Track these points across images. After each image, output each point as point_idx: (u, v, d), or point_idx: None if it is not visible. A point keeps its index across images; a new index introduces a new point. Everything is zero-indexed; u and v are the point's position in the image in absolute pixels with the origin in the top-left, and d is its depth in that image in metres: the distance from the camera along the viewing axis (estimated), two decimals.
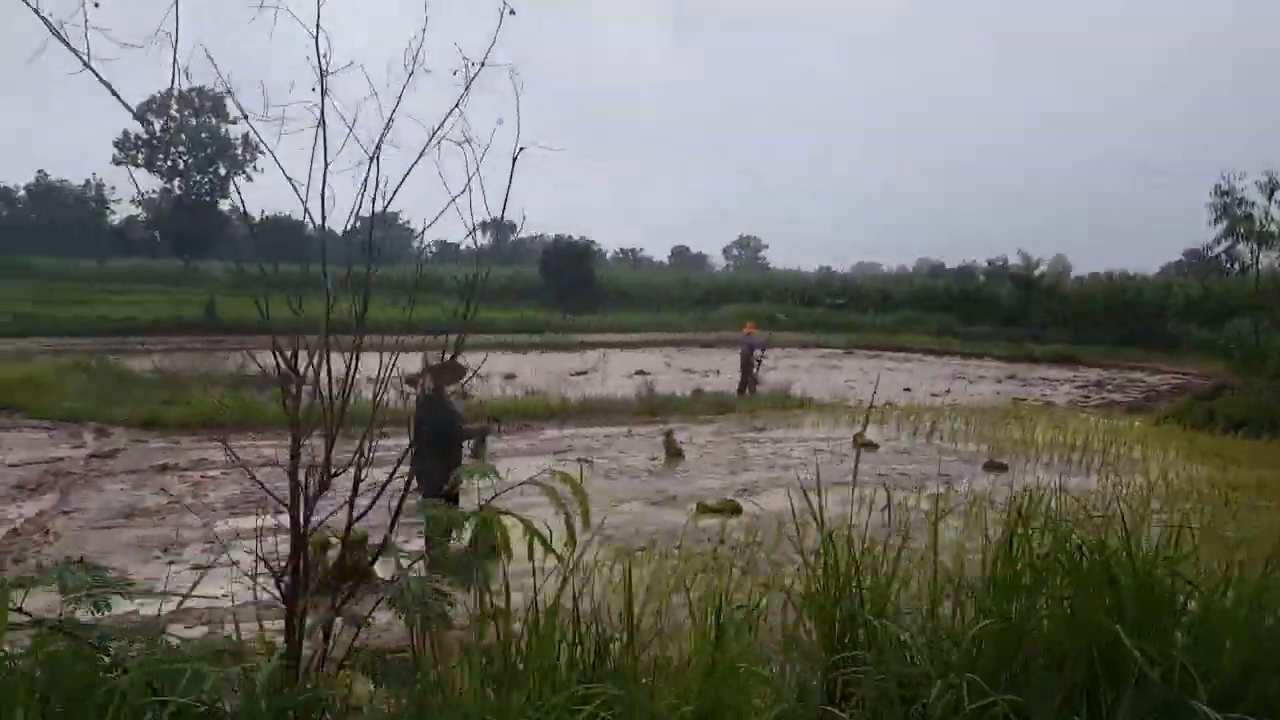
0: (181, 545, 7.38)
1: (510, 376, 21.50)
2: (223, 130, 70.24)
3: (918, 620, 3.65)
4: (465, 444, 7.34)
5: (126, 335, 27.70)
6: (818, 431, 14.98)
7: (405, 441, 4.66)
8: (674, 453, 12.18)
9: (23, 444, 11.37)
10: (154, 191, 69.91)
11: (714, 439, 13.75)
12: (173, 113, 68.34)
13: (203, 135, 69.22)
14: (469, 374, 7.48)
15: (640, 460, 11.91)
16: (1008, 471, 11.95)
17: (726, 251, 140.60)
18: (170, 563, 6.94)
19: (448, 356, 7.17)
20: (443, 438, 6.83)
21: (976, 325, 40.44)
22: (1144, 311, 36.09)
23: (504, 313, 41.56)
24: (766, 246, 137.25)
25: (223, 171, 70.69)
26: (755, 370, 20.10)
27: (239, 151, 71.18)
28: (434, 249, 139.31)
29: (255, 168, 72.33)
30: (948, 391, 21.83)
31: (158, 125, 68.13)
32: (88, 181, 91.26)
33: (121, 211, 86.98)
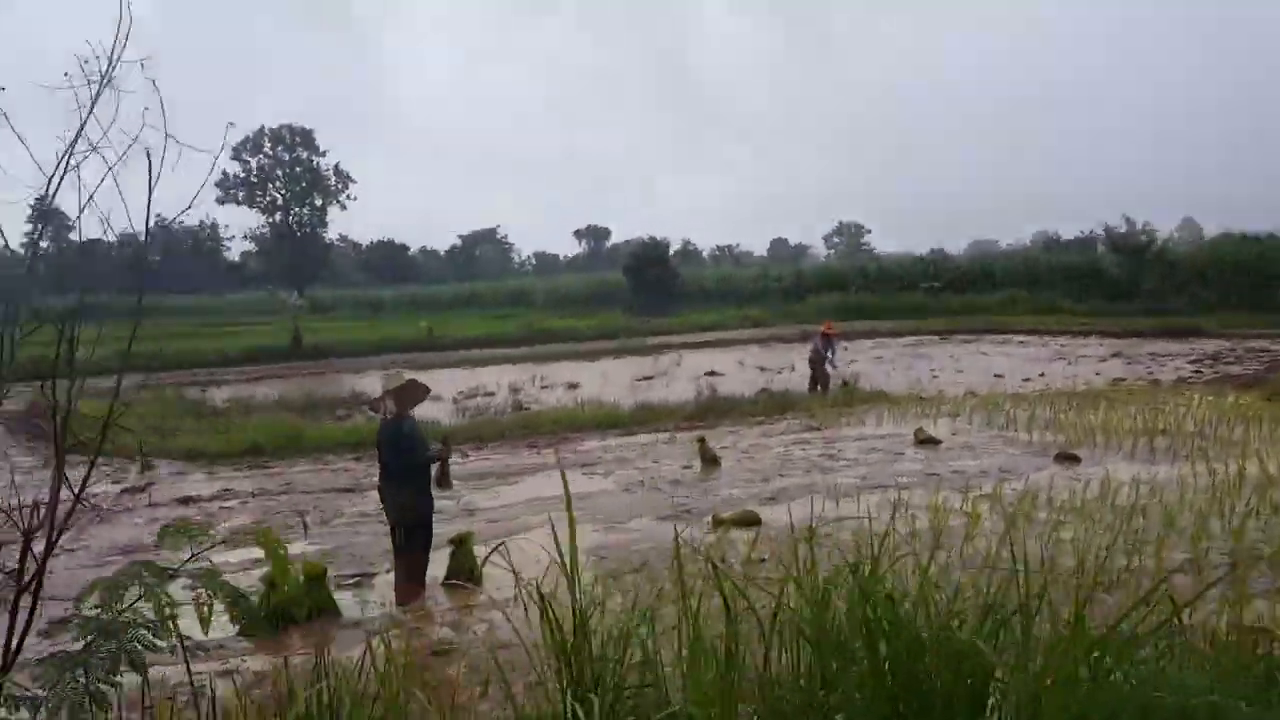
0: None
1: (574, 386, 21.13)
2: (314, 162, 72.95)
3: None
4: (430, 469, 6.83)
5: (215, 367, 28.67)
6: (880, 429, 13.91)
7: None
8: (709, 460, 11.40)
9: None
10: (264, 227, 73.10)
11: (760, 442, 12.89)
12: (266, 150, 71.46)
13: (296, 169, 71.99)
14: (428, 394, 7.03)
15: (673, 469, 11.20)
16: (1080, 463, 10.73)
17: (828, 240, 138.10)
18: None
19: (411, 377, 6.77)
20: (403, 464, 6.36)
21: (1088, 300, 37.98)
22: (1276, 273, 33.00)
23: (584, 320, 41.43)
24: (869, 231, 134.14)
25: (318, 202, 73.39)
26: (827, 366, 19.03)
27: (332, 181, 73.83)
28: (533, 260, 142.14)
29: (349, 196, 75.14)
30: (1041, 375, 20.29)
31: (254, 163, 71.15)
32: (201, 222, 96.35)
33: (236, 248, 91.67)
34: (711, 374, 22.68)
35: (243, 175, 71.62)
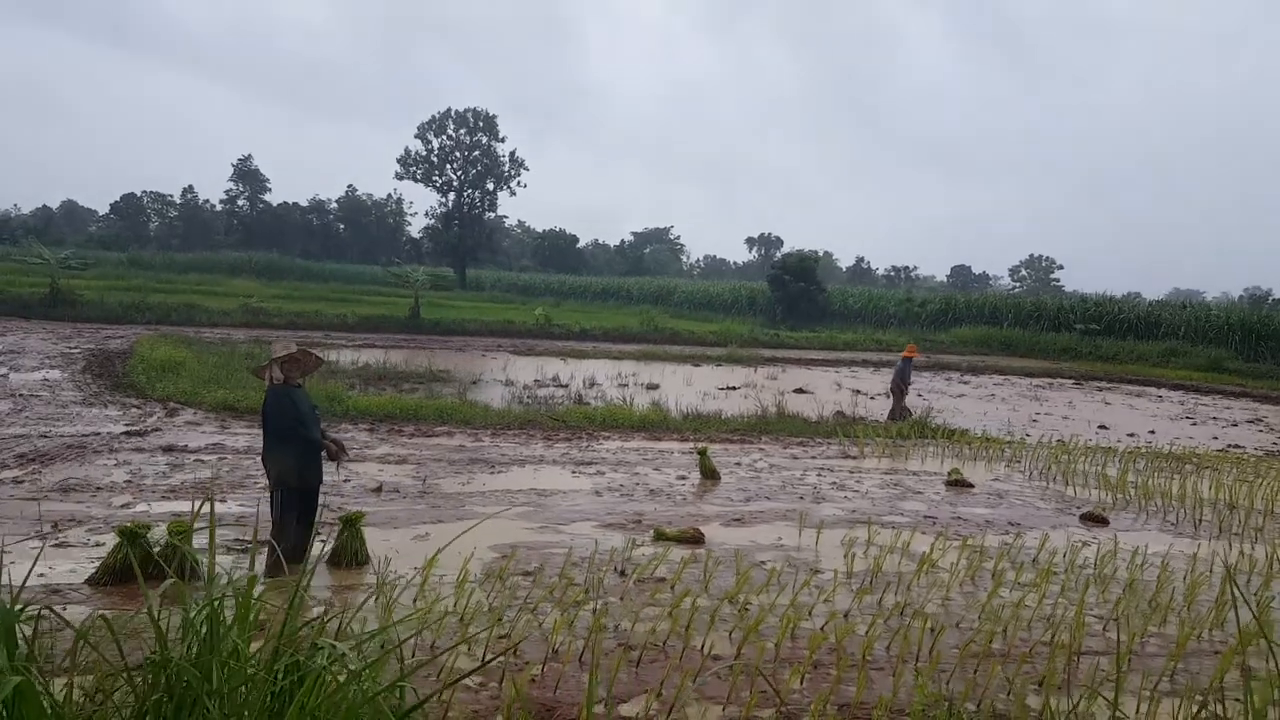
0: (79, 523, 7.59)
1: (653, 387, 21.01)
2: (492, 148, 76.02)
3: None
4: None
5: (333, 330, 30.45)
6: (922, 465, 13.07)
7: None
8: (707, 473, 11.07)
9: (89, 419, 12.53)
10: (442, 204, 76.97)
11: (781, 463, 12.37)
12: (449, 132, 75.09)
13: (474, 153, 75.26)
14: (319, 365, 7.10)
15: (666, 478, 10.94)
16: (1106, 526, 9.72)
17: (1013, 272, 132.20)
18: (42, 537, 7.13)
19: (299, 349, 6.89)
20: (280, 431, 6.47)
21: (1267, 361, 34.29)
22: None
23: (708, 325, 41.16)
24: (1061, 268, 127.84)
25: (490, 186, 76.50)
26: (907, 393, 18.07)
27: (506, 167, 76.76)
28: (702, 263, 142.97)
29: (520, 183, 77.91)
30: (1151, 432, 18.40)
31: (435, 143, 74.93)
32: (389, 195, 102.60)
33: (416, 224, 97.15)
34: (800, 391, 22.02)
35: (424, 154, 75.64)
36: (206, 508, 8.11)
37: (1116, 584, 7.46)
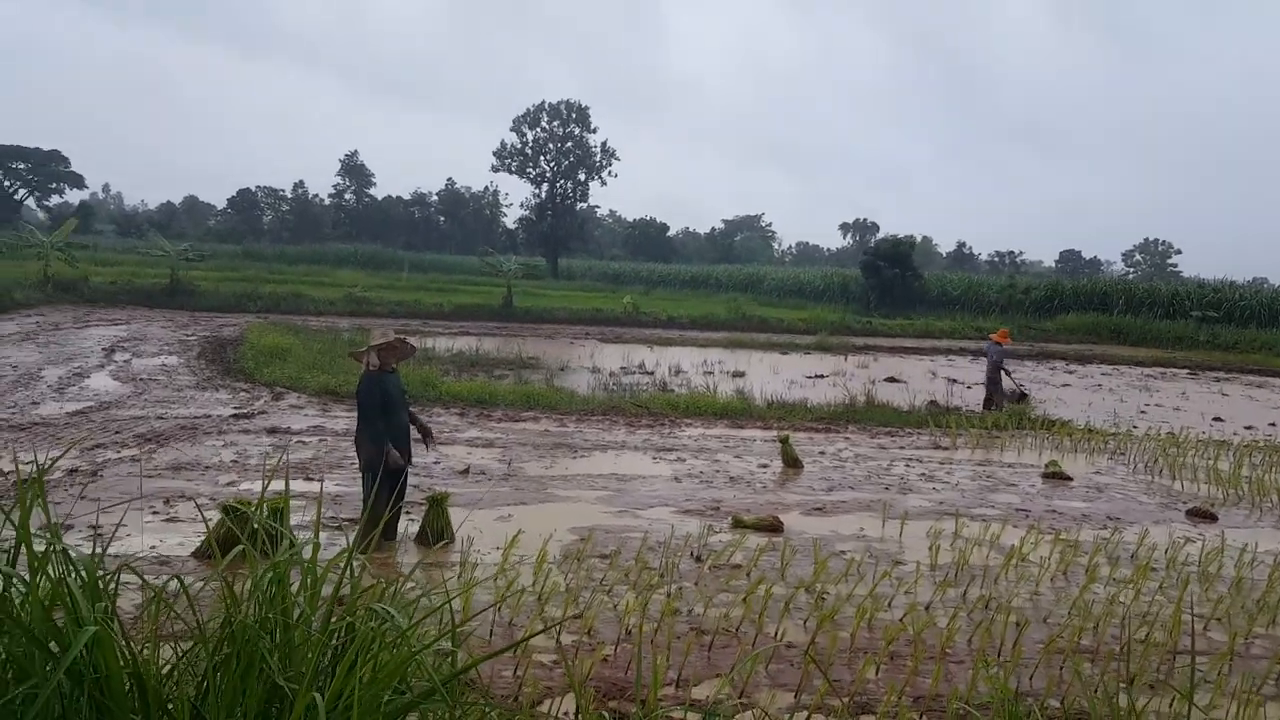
0: (187, 499, 8.03)
1: (739, 374, 20.91)
2: (584, 139, 76.62)
3: None
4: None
5: (431, 318, 31.27)
6: (1019, 457, 12.65)
7: None
8: (789, 462, 10.96)
9: (203, 401, 13.20)
10: (535, 195, 78.10)
11: (867, 453, 12.16)
12: (543, 124, 76.02)
13: (567, 144, 75.99)
14: (414, 353, 7.32)
15: (748, 466, 10.88)
16: (1214, 522, 9.24)
17: (1127, 257, 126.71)
18: (155, 512, 7.57)
19: (400, 337, 7.13)
20: (368, 416, 6.72)
21: None
22: None
23: (798, 312, 40.62)
24: (1179, 252, 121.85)
25: (581, 176, 77.15)
26: (1003, 384, 17.48)
27: (598, 158, 77.26)
28: (794, 250, 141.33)
29: (611, 173, 78.32)
30: (1272, 425, 17.35)
31: (530, 136, 75.95)
32: (486, 187, 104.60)
33: (513, 215, 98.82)
34: (891, 380, 21.58)
35: (519, 146, 76.78)
36: (303, 486, 8.51)
37: (1221, 582, 7.09)
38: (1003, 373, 17.46)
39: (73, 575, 2.46)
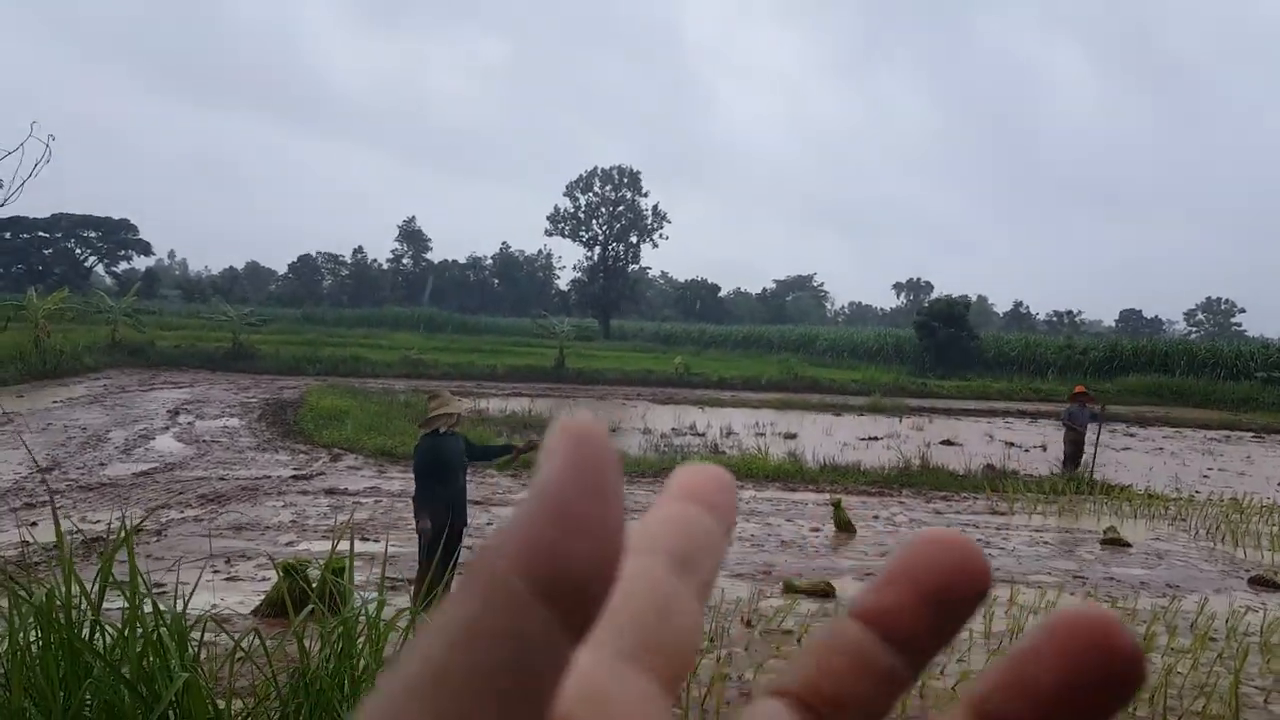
0: (247, 558, 8.31)
1: (791, 436, 20.88)
2: (636, 202, 78.07)
3: None
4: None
5: (484, 380, 31.81)
6: (1076, 523, 12.44)
7: None
8: (842, 526, 10.93)
9: (263, 463, 13.62)
10: (588, 258, 79.49)
11: (920, 518, 12.07)
12: (595, 189, 77.70)
13: (619, 208, 77.47)
14: (464, 416, 7.53)
15: (800, 530, 10.88)
16: (1277, 592, 8.99)
17: (1189, 316, 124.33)
18: (215, 571, 7.85)
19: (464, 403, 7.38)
20: (424, 479, 6.95)
21: None
22: None
23: (851, 373, 40.42)
24: (1242, 311, 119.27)
25: (633, 239, 78.42)
26: (1083, 444, 17.01)
27: (649, 221, 78.56)
28: (847, 310, 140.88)
29: (662, 235, 79.48)
30: None
31: (583, 200, 77.63)
32: (539, 251, 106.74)
33: (565, 277, 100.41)
34: (947, 443, 21.32)
35: (572, 210, 78.51)
36: (359, 546, 8.74)
37: None
38: (1083, 428, 16.90)
39: (161, 627, 2.66)
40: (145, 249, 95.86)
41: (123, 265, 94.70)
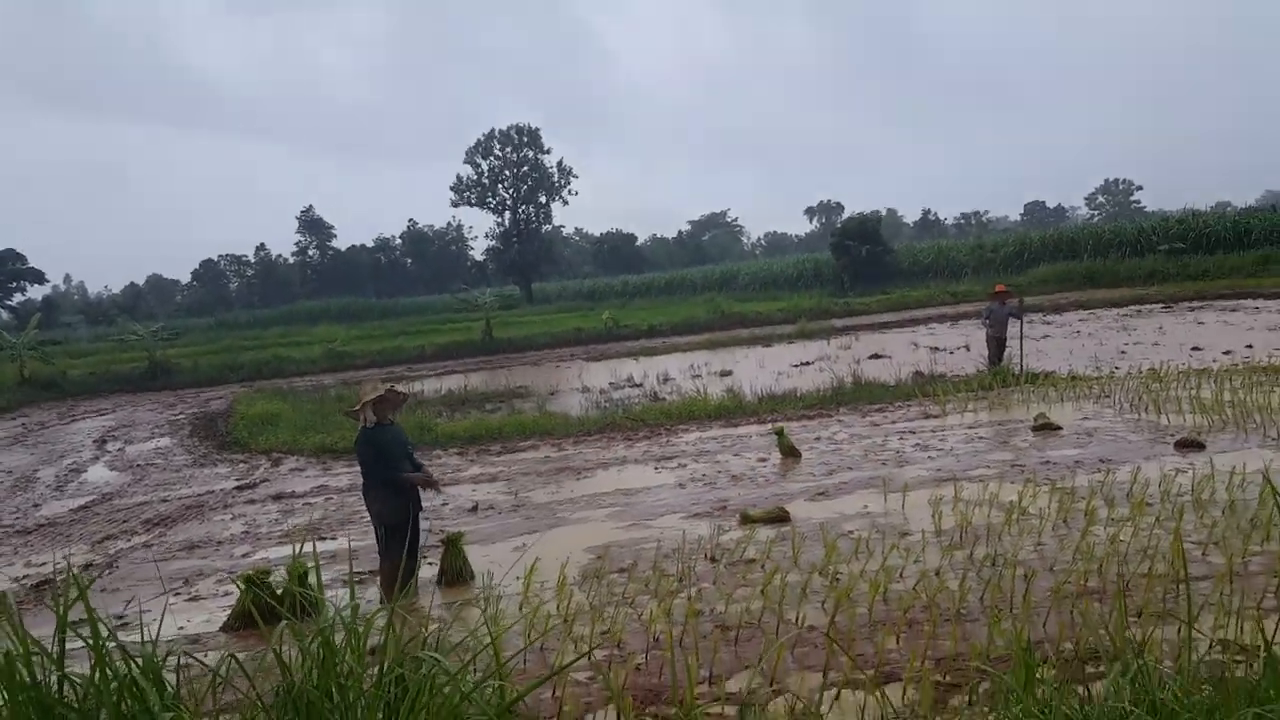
0: (205, 576, 8.16)
1: (726, 374, 21.14)
2: (539, 161, 76.90)
3: None
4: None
5: (413, 362, 31.41)
6: (1008, 414, 12.93)
7: None
8: (788, 452, 11.17)
9: (203, 478, 13.31)
10: (499, 224, 78.25)
11: (861, 431, 12.40)
12: (496, 152, 76.27)
13: (523, 169, 76.23)
14: (406, 400, 7.46)
15: (748, 463, 11.09)
16: (1202, 450, 9.52)
17: (1090, 200, 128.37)
18: (176, 594, 7.69)
19: (393, 386, 7.29)
20: (370, 471, 6.87)
21: None
22: None
23: (775, 303, 40.97)
24: (1140, 188, 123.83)
25: (542, 199, 77.41)
26: (1004, 340, 17.50)
27: (556, 178, 77.55)
28: (763, 241, 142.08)
29: (571, 191, 78.63)
30: (1249, 347, 17.75)
31: (485, 166, 76.15)
32: (449, 223, 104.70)
33: (479, 247, 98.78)
34: (875, 356, 21.85)
35: (475, 177, 76.96)
36: (320, 547, 8.64)
37: (1215, 507, 7.34)
38: (1005, 323, 17.35)
39: (132, 666, 2.63)
40: (38, 277, 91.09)
41: (17, 298, 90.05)
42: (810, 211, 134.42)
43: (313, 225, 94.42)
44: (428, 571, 7.46)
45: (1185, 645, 4.03)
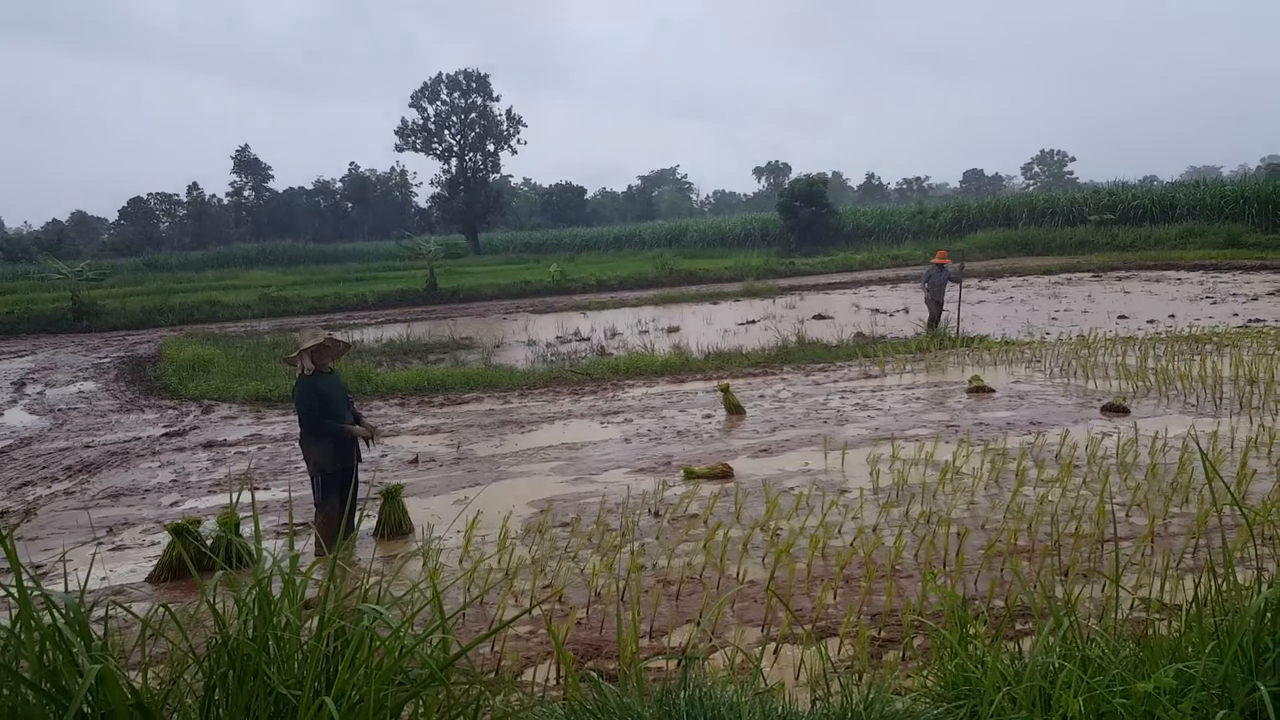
0: (130, 525, 7.93)
1: (674, 330, 21.17)
2: (488, 108, 75.26)
3: None
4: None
5: (354, 310, 30.80)
6: (944, 376, 13.18)
7: None
8: (732, 409, 11.26)
9: (128, 425, 12.91)
10: (445, 171, 76.58)
11: (804, 390, 12.53)
12: (443, 97, 74.41)
13: (471, 115, 74.55)
14: (347, 350, 7.28)
15: (694, 419, 11.14)
16: (1127, 415, 9.83)
17: (1026, 170, 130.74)
18: (99, 543, 7.47)
19: (333, 335, 7.10)
20: (308, 420, 6.70)
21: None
22: None
23: (723, 260, 41.04)
24: (1074, 160, 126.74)
25: (491, 148, 75.93)
26: (941, 303, 17.76)
27: (505, 127, 76.03)
28: (712, 199, 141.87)
29: (520, 141, 77.25)
30: (1171, 316, 18.35)
31: (431, 111, 74.28)
32: (392, 169, 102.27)
33: (424, 194, 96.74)
34: (819, 317, 22.07)
35: (420, 122, 75.04)
36: (249, 498, 8.46)
37: (1138, 470, 7.60)
38: (943, 289, 17.64)
39: (58, 617, 2.52)
40: None
41: None
42: (759, 171, 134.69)
43: (249, 165, 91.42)
44: (366, 524, 7.35)
45: (1111, 603, 4.17)
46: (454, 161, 75.79)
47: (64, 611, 2.56)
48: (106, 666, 2.21)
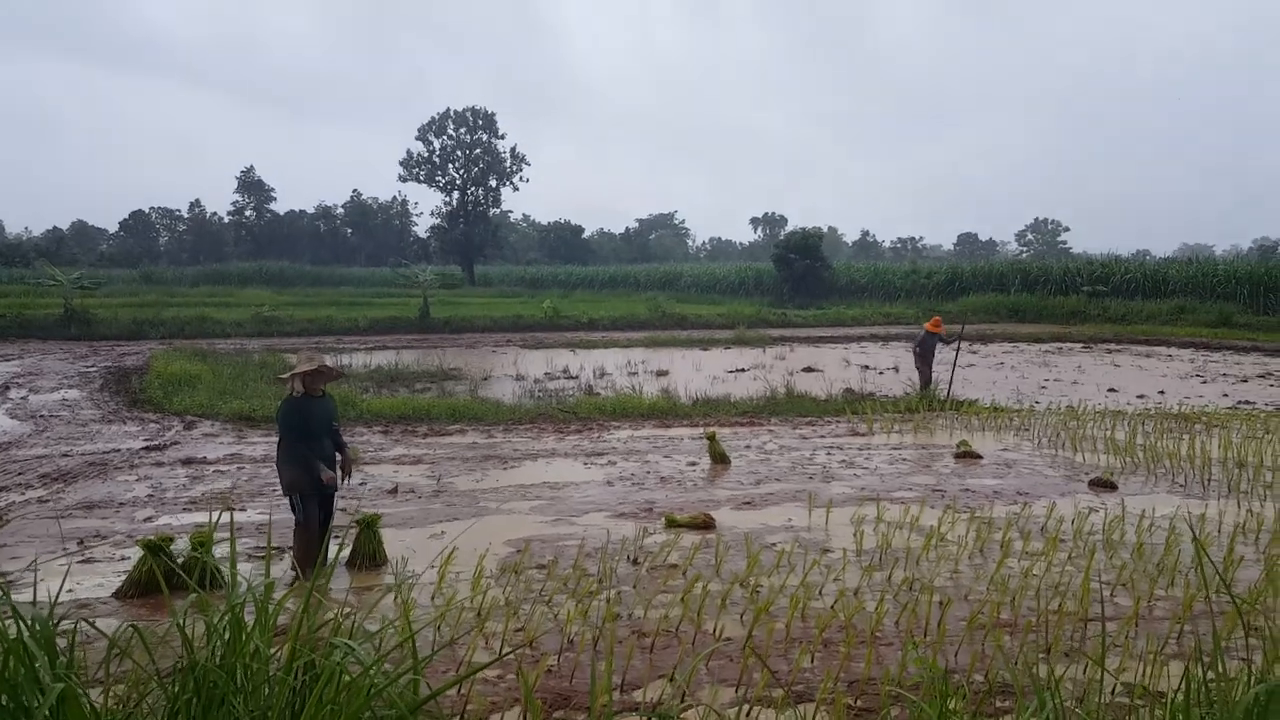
0: (103, 539, 7.79)
1: (663, 373, 21.15)
2: (493, 145, 76.02)
3: None
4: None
5: (344, 335, 30.70)
6: (931, 439, 13.16)
7: None
8: (718, 458, 11.20)
9: (109, 436, 12.76)
10: (446, 204, 77.07)
11: (790, 444, 12.48)
12: (450, 132, 75.14)
13: (475, 151, 75.24)
14: (339, 375, 7.24)
15: (677, 465, 11.07)
16: (1114, 491, 9.80)
17: (1020, 236, 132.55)
18: (69, 554, 7.33)
19: (325, 361, 7.06)
20: (288, 441, 6.63)
21: (1271, 314, 34.19)
22: None
23: (716, 307, 41.20)
24: (1068, 230, 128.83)
25: (492, 183, 76.54)
26: (930, 367, 17.87)
27: (507, 163, 76.74)
28: (708, 246, 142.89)
29: (522, 178, 77.93)
30: (1161, 393, 18.43)
31: (437, 144, 74.96)
32: (394, 197, 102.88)
33: (424, 224, 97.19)
34: (808, 370, 22.10)
35: (426, 155, 75.70)
36: (226, 518, 8.33)
37: (1124, 548, 7.56)
38: (934, 355, 17.75)
39: (24, 629, 2.44)
40: None
41: None
42: (755, 221, 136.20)
43: (253, 186, 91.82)
44: (338, 552, 7.22)
45: (1094, 686, 4.11)
46: (456, 194, 76.40)
47: (30, 624, 2.49)
48: (69, 686, 2.13)
